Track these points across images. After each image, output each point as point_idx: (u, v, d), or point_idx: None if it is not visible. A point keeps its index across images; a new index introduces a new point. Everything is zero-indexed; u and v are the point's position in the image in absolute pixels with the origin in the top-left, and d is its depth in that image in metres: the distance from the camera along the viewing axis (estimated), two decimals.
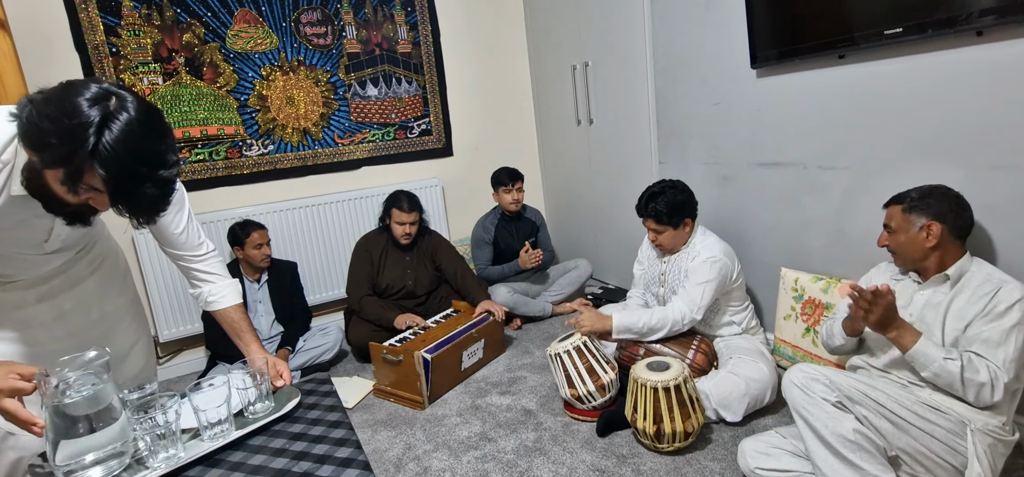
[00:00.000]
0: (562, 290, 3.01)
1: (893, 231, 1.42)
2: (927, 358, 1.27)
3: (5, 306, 1.14)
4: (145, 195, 0.87)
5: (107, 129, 0.81)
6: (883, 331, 1.32)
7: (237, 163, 2.85)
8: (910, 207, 1.38)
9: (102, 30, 2.50)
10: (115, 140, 0.81)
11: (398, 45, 3.15)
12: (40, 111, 0.82)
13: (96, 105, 0.82)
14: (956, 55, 1.49)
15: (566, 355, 1.88)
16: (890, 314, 1.29)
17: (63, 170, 0.82)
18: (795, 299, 2.01)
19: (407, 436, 1.96)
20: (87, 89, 0.83)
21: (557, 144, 3.46)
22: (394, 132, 3.22)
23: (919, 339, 1.28)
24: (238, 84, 2.80)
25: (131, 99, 0.85)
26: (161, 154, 0.88)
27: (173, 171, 0.90)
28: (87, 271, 1.28)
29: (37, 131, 0.82)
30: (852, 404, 1.27)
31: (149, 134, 0.86)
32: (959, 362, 1.23)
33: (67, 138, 0.80)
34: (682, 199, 1.98)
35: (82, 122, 0.80)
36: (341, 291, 3.00)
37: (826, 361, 1.86)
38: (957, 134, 1.53)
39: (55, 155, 0.82)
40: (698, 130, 2.41)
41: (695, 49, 2.32)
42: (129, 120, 0.83)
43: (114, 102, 0.83)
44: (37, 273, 1.17)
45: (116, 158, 0.82)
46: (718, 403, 1.76)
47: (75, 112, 0.80)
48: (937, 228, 1.33)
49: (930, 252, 1.35)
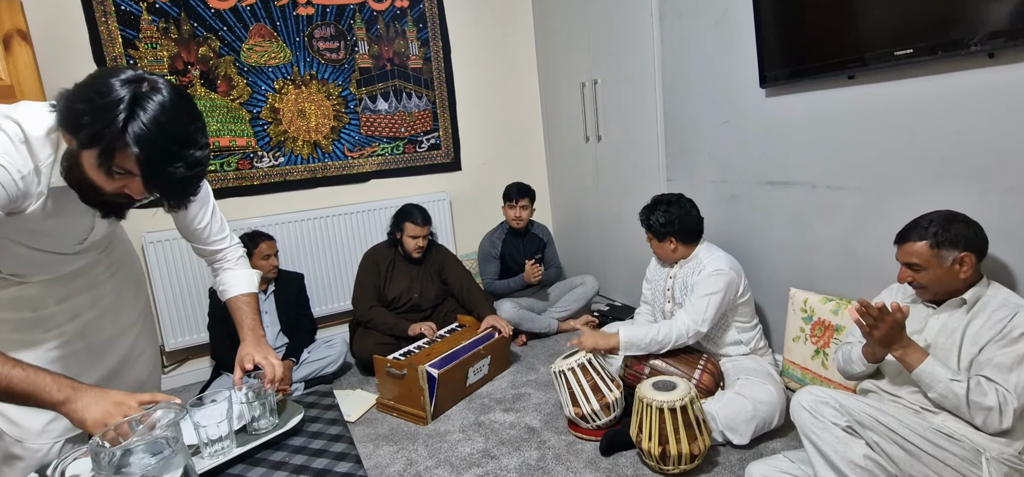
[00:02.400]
0: (568, 307, 2.99)
1: (920, 269, 1.34)
2: (933, 379, 1.24)
3: (23, 303, 1.14)
4: (176, 175, 0.88)
5: (139, 108, 0.84)
6: (889, 349, 1.30)
7: (248, 174, 2.89)
8: (938, 242, 1.31)
9: (120, 43, 2.56)
10: (148, 118, 0.84)
11: (409, 60, 3.19)
12: (76, 94, 0.86)
13: (128, 86, 0.84)
14: (968, 77, 1.48)
15: (571, 372, 1.87)
16: (895, 332, 1.27)
17: (97, 150, 0.84)
18: (804, 320, 1.98)
19: (409, 451, 1.94)
20: (121, 72, 0.86)
21: (565, 160, 3.47)
22: (403, 146, 3.24)
23: (925, 359, 1.26)
24: (251, 97, 2.84)
25: (162, 82, 0.88)
26: (191, 134, 0.89)
27: (203, 152, 0.91)
28: (106, 275, 1.29)
29: (72, 112, 0.85)
30: (863, 429, 1.24)
31: (180, 114, 0.88)
32: (965, 384, 1.20)
33: (99, 115, 0.83)
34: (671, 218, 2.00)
35: (113, 99, 0.83)
36: (347, 303, 3.00)
37: (836, 384, 1.83)
38: (970, 156, 1.51)
39: (89, 133, 0.84)
40: (707, 148, 2.40)
41: (704, 68, 2.33)
42: (161, 100, 0.86)
43: (146, 85, 0.86)
44: (59, 273, 1.17)
45: (147, 135, 0.84)
46: (725, 425, 1.72)
47: (107, 91, 0.84)
48: (971, 258, 1.29)
49: (963, 283, 1.31)
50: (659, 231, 2.03)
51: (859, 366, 1.47)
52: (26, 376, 0.89)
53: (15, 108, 0.94)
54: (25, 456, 1.12)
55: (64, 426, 1.15)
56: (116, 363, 1.31)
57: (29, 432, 1.12)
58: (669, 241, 2.03)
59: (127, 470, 0.80)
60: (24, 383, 0.89)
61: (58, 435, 1.15)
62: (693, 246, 2.04)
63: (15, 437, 1.11)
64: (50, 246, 1.09)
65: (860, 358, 1.45)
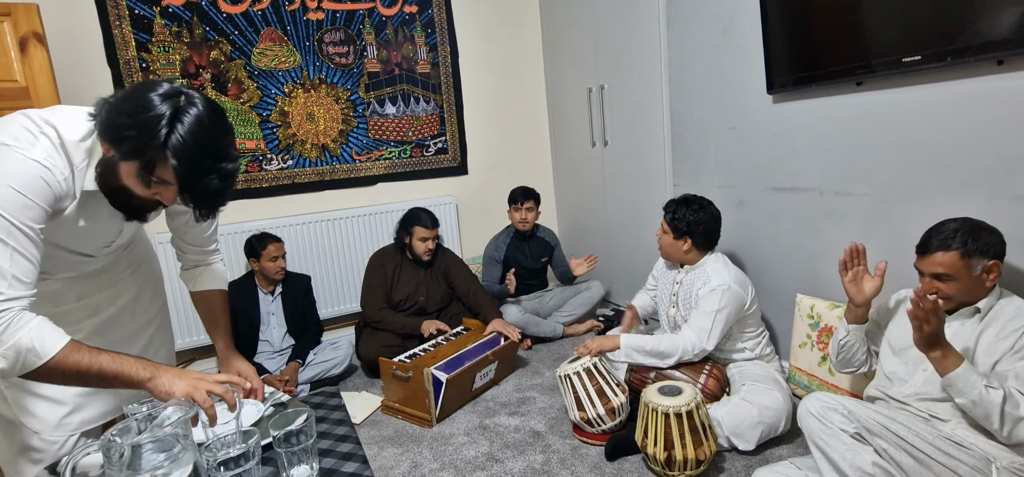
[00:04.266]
0: (574, 311, 2.99)
1: (949, 279, 1.29)
2: (968, 384, 1.19)
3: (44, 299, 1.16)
4: (210, 186, 0.93)
5: (178, 122, 0.88)
6: (930, 350, 1.24)
7: (256, 176, 2.91)
8: (968, 252, 1.27)
9: (134, 46, 2.60)
10: (186, 132, 0.88)
11: (417, 65, 3.21)
12: (118, 108, 0.90)
13: (167, 100, 0.89)
14: (976, 84, 1.48)
15: (576, 376, 1.86)
16: (941, 332, 1.22)
17: (138, 162, 0.89)
18: (811, 326, 1.97)
19: (413, 454, 1.94)
20: (159, 86, 0.91)
21: (572, 165, 3.47)
22: (410, 150, 3.27)
23: (962, 363, 1.21)
24: (261, 100, 2.87)
25: (198, 97, 0.93)
26: (225, 148, 0.95)
27: (235, 164, 0.96)
28: (127, 273, 1.32)
29: (115, 126, 0.90)
30: (871, 436, 1.23)
31: (215, 129, 0.93)
32: (1002, 393, 1.16)
33: (142, 130, 0.87)
34: (693, 219, 1.97)
35: (155, 115, 0.87)
36: (354, 305, 3.02)
37: (843, 390, 1.81)
38: (978, 163, 1.51)
39: (131, 146, 0.89)
40: (713, 154, 2.40)
41: (711, 74, 2.33)
42: (198, 115, 0.90)
43: (183, 99, 0.91)
44: (83, 271, 1.20)
45: (186, 149, 0.88)
46: (731, 431, 1.72)
47: (149, 106, 0.88)
48: (998, 266, 1.27)
49: (989, 292, 1.29)
50: (680, 228, 1.98)
51: (842, 331, 1.49)
52: (113, 360, 0.98)
53: (52, 113, 0.98)
54: (42, 448, 1.15)
55: (79, 420, 1.18)
56: None
57: (46, 424, 1.15)
58: (685, 241, 1.99)
59: (137, 466, 0.81)
60: (113, 365, 0.97)
61: (74, 429, 1.18)
62: (704, 254, 2.03)
63: (33, 429, 1.14)
64: (78, 247, 1.12)
65: (843, 325, 1.46)
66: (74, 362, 0.95)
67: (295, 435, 0.95)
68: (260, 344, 2.56)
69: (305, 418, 0.98)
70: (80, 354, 0.95)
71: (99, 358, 0.97)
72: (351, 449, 1.06)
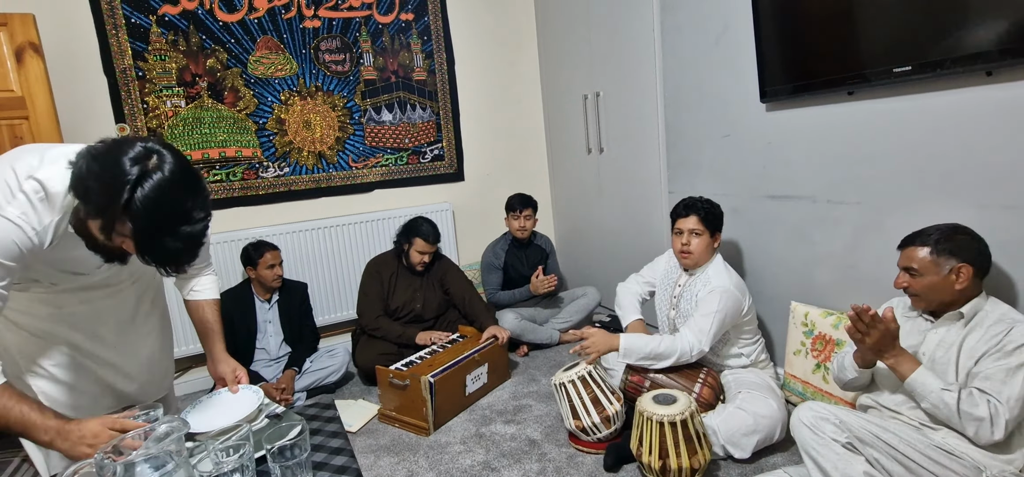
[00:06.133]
0: (570, 318, 3.00)
1: (917, 274, 1.35)
2: (925, 388, 1.25)
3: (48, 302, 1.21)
4: (167, 248, 0.94)
5: (140, 187, 0.88)
6: (880, 357, 1.30)
7: (253, 184, 2.92)
8: (937, 250, 1.32)
9: (130, 55, 2.60)
10: (144, 196, 0.88)
11: (413, 72, 3.22)
12: (89, 167, 0.91)
13: (137, 164, 0.89)
14: (966, 94, 1.49)
15: (571, 385, 1.87)
16: (887, 340, 1.27)
17: (100, 220, 0.91)
18: (805, 334, 1.98)
19: (410, 463, 1.94)
20: (132, 148, 0.91)
21: (567, 172, 3.48)
22: (407, 157, 3.27)
23: (917, 368, 1.26)
24: (257, 108, 2.88)
25: (170, 158, 0.93)
26: (187, 211, 0.94)
27: (198, 228, 0.95)
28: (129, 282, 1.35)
29: (83, 185, 0.92)
30: (863, 446, 1.25)
31: (178, 192, 0.92)
32: (956, 394, 1.20)
33: (106, 193, 0.89)
34: (720, 213, 2.02)
35: (121, 180, 0.88)
36: (350, 312, 3.02)
37: (837, 398, 1.82)
38: (969, 173, 1.52)
39: (94, 206, 0.91)
40: (708, 162, 2.42)
41: (704, 82, 2.35)
42: (161, 179, 0.90)
43: (153, 161, 0.91)
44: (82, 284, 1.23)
45: (142, 213, 0.89)
46: (726, 439, 1.72)
47: (117, 168, 0.89)
48: (968, 270, 1.30)
49: (958, 295, 1.32)
50: (715, 223, 2.00)
51: (851, 372, 1.48)
52: (22, 413, 0.99)
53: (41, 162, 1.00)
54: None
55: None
56: (134, 367, 1.36)
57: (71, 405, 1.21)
58: (717, 238, 2.03)
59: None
60: (20, 418, 0.99)
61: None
62: (712, 256, 2.04)
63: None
64: (73, 267, 1.15)
65: (852, 364, 1.46)
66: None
67: (289, 449, 0.96)
68: (257, 352, 2.56)
69: (299, 431, 0.98)
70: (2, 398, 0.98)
71: (13, 407, 0.98)
72: (346, 462, 1.07)
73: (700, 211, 1.99)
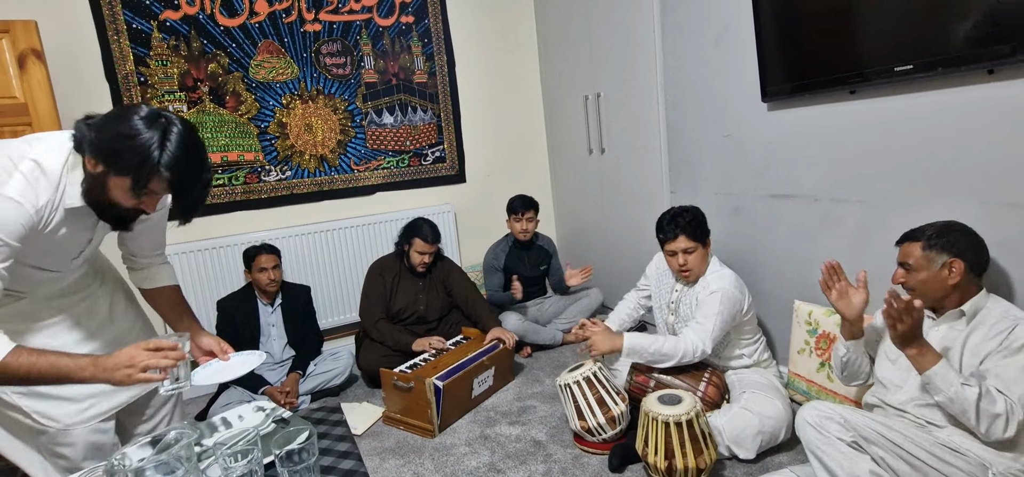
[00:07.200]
0: (572, 319, 3.00)
1: (912, 269, 1.37)
2: (945, 381, 1.22)
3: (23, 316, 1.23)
4: (195, 196, 1.06)
5: (168, 141, 1.00)
6: (906, 347, 1.27)
7: (255, 188, 2.92)
8: (930, 245, 1.34)
9: (132, 60, 2.61)
10: (173, 151, 1.00)
11: (414, 75, 3.23)
12: (109, 130, 1.00)
13: (153, 123, 1.00)
14: (967, 92, 1.50)
15: (576, 385, 1.87)
16: (916, 330, 1.25)
17: (131, 177, 1.00)
18: (809, 333, 1.98)
19: (415, 465, 1.95)
20: (137, 111, 1.02)
21: (569, 173, 3.49)
22: (408, 159, 3.28)
23: (940, 361, 1.24)
24: (259, 112, 2.88)
25: (175, 117, 1.04)
26: (202, 159, 1.07)
27: (208, 175, 1.08)
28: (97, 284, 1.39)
29: (109, 147, 1.00)
30: (868, 444, 1.25)
31: (196, 144, 1.06)
32: (977, 389, 1.19)
33: (138, 152, 0.99)
34: (703, 218, 2.00)
35: (146, 137, 0.99)
36: (353, 315, 3.02)
37: (842, 397, 1.83)
38: (971, 171, 1.52)
39: (126, 164, 1.00)
40: (709, 161, 2.42)
41: (705, 82, 2.35)
42: (180, 132, 1.02)
43: (163, 120, 1.02)
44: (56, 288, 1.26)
45: (178, 164, 1.01)
46: (731, 439, 1.73)
47: (136, 131, 0.99)
48: (959, 265, 1.30)
49: (952, 290, 1.32)
50: (702, 233, 1.98)
51: (841, 349, 1.49)
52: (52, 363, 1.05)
53: (31, 145, 1.05)
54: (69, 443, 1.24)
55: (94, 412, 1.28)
56: None
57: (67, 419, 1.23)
58: (709, 244, 2.01)
59: None
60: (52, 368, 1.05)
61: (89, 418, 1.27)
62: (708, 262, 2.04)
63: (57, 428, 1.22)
64: (51, 264, 1.18)
65: (842, 341, 1.47)
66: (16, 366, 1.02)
67: (297, 454, 0.96)
68: None
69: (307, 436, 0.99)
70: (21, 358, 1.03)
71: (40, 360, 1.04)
72: (353, 466, 1.07)
73: (686, 229, 1.95)
